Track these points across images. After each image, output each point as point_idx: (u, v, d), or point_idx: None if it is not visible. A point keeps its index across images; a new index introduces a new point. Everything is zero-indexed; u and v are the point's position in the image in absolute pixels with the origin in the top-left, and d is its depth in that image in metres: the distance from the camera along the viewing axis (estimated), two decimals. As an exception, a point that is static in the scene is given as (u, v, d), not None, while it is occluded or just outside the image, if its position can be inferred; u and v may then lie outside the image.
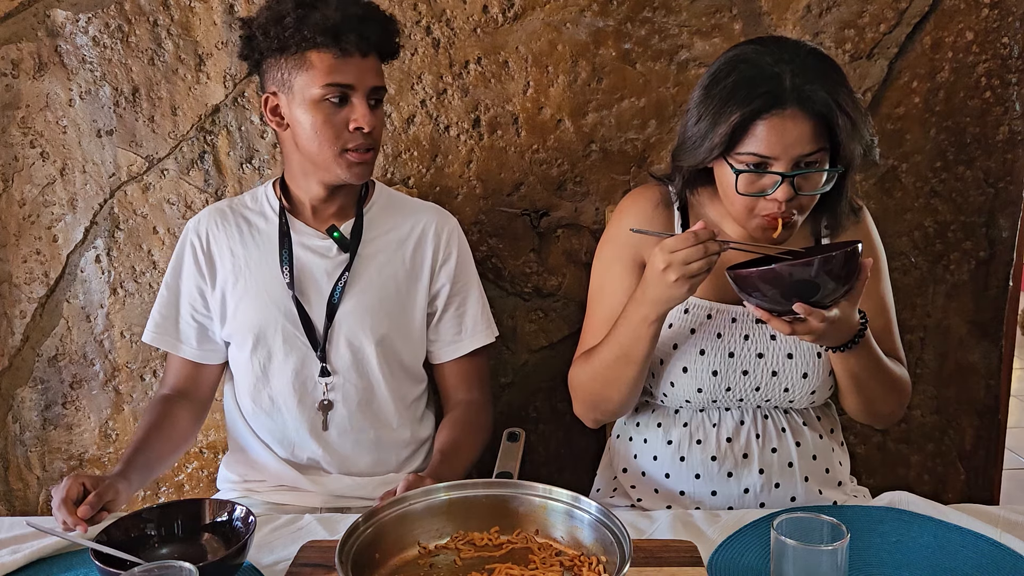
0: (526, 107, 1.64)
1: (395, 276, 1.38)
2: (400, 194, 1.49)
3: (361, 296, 1.36)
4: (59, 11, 1.62)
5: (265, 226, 1.39)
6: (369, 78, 1.27)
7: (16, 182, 1.69)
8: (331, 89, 1.24)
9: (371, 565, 0.93)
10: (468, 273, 1.45)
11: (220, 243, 1.39)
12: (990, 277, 1.72)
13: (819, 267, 1.03)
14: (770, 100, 1.10)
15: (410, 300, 1.40)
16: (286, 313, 1.34)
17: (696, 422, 1.31)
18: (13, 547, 1.07)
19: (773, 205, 1.13)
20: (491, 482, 1.03)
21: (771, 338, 1.26)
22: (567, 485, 1.00)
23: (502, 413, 1.76)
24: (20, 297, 1.73)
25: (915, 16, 1.60)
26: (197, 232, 1.40)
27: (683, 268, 1.08)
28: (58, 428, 1.80)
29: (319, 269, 1.36)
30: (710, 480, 1.29)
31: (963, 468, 1.81)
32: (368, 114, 1.27)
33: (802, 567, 0.85)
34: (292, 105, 1.27)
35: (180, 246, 1.41)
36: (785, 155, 1.11)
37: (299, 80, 1.25)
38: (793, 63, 1.11)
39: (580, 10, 1.60)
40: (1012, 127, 1.65)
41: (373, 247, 1.38)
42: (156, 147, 1.67)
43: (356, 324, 1.35)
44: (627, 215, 1.33)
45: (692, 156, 1.19)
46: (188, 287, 1.39)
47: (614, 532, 0.91)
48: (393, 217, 1.42)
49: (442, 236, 1.42)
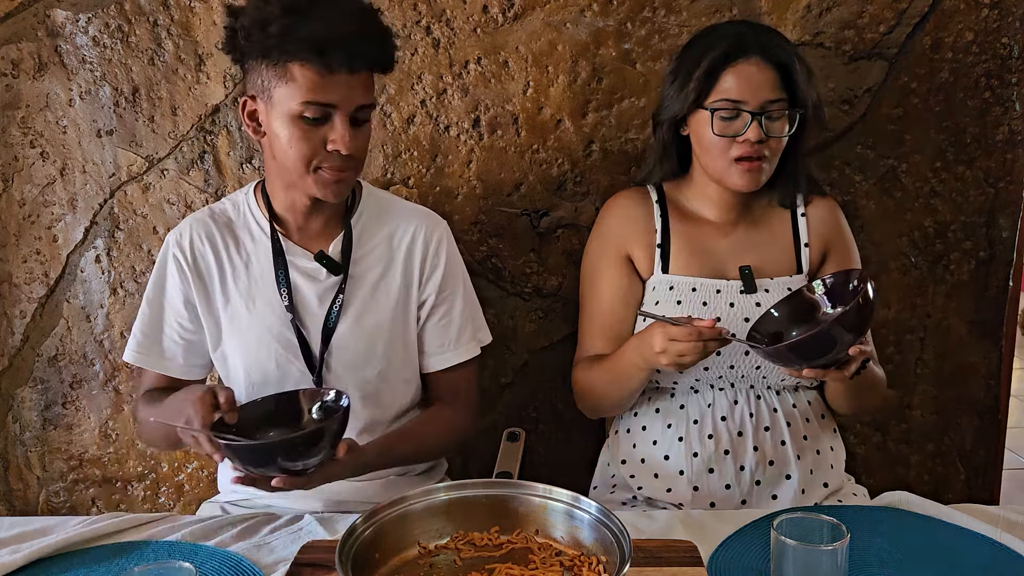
0: (526, 107, 1.64)
1: (389, 292, 1.34)
2: (388, 196, 1.43)
3: (358, 319, 1.31)
4: (59, 11, 1.62)
5: (252, 243, 1.33)
6: (355, 96, 1.18)
7: (16, 182, 1.69)
8: (311, 107, 1.16)
9: (371, 565, 0.93)
10: (455, 282, 1.39)
11: (207, 257, 1.32)
12: (990, 277, 1.72)
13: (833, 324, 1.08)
14: (735, 48, 1.28)
15: (405, 313, 1.35)
16: (280, 338, 1.29)
17: (692, 404, 1.36)
18: (13, 547, 1.07)
19: (745, 146, 1.28)
20: (491, 482, 1.03)
21: (756, 305, 1.33)
22: (567, 485, 1.01)
23: (502, 413, 1.76)
24: (20, 297, 1.73)
25: (915, 16, 1.60)
26: (180, 245, 1.33)
27: (676, 358, 1.17)
28: (58, 428, 1.80)
29: (311, 292, 1.31)
30: (707, 459, 1.33)
31: (963, 468, 1.81)
32: (348, 135, 1.17)
33: (802, 567, 0.85)
34: (270, 115, 1.19)
35: (161, 260, 1.34)
36: (753, 98, 1.27)
37: (279, 91, 1.17)
38: (752, 27, 1.35)
39: (580, 10, 1.60)
40: (1012, 127, 1.65)
41: (364, 264, 1.33)
42: (156, 147, 1.67)
43: (353, 347, 1.31)
44: (611, 214, 1.45)
45: (670, 109, 1.35)
46: (173, 302, 1.33)
47: (614, 532, 0.92)
48: (383, 227, 1.36)
49: (431, 244, 1.37)
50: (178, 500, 1.82)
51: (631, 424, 1.42)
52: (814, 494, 1.34)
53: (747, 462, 1.32)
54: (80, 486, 1.82)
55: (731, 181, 1.32)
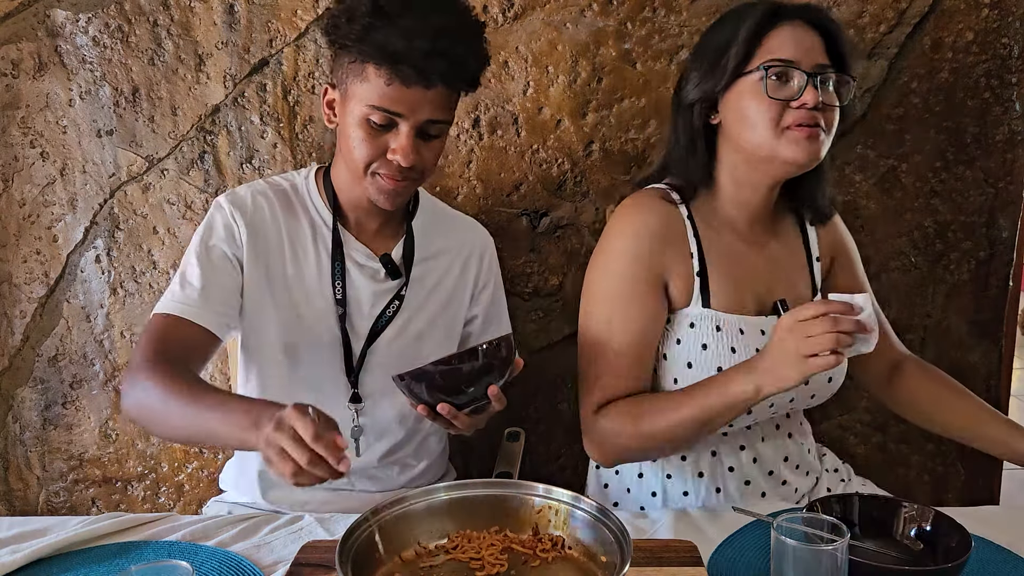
0: (526, 107, 1.64)
1: (440, 301, 1.33)
2: (442, 205, 1.42)
3: (407, 324, 1.30)
4: (59, 11, 1.62)
5: (311, 227, 1.28)
6: (425, 111, 1.13)
7: (16, 182, 1.69)
8: (378, 113, 1.13)
9: (371, 565, 0.93)
10: (501, 298, 1.42)
11: (265, 222, 1.25)
12: (990, 277, 1.72)
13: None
14: (777, 12, 1.14)
15: (451, 325, 1.35)
16: (328, 332, 1.26)
17: None
18: (13, 547, 1.07)
19: (802, 112, 1.11)
20: (491, 482, 1.03)
21: None
22: (567, 485, 1.01)
23: (502, 413, 1.76)
24: (20, 297, 1.73)
25: (915, 16, 1.60)
26: (234, 203, 1.25)
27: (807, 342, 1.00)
28: (58, 428, 1.79)
29: (367, 290, 1.28)
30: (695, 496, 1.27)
31: (963, 468, 1.81)
32: (410, 148, 1.14)
33: (802, 567, 0.85)
34: (344, 108, 1.18)
35: (211, 217, 1.26)
36: (806, 59, 1.11)
37: (354, 87, 1.15)
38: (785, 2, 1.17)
39: (580, 10, 1.60)
40: (1012, 127, 1.65)
41: (421, 269, 1.32)
42: (156, 147, 1.67)
43: (398, 351, 1.28)
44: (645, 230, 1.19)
45: (699, 90, 1.17)
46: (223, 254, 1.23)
47: (614, 532, 0.92)
48: (441, 236, 1.35)
49: (484, 260, 1.38)
50: (178, 500, 1.82)
51: None
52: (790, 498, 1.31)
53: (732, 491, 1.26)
54: (80, 486, 1.82)
55: (785, 154, 1.12)
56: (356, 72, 1.14)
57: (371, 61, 1.11)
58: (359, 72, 1.14)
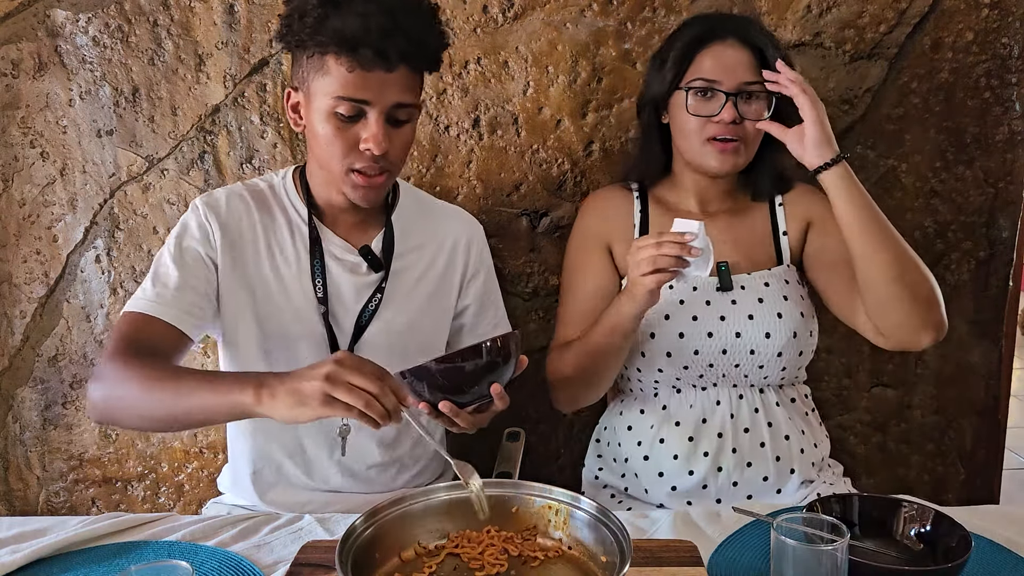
0: (526, 107, 1.64)
1: (425, 293, 1.33)
2: (426, 196, 1.43)
3: (392, 317, 1.29)
4: (59, 11, 1.62)
5: (288, 226, 1.28)
6: (391, 94, 1.13)
7: (16, 182, 1.69)
8: (344, 103, 1.12)
9: (371, 565, 0.93)
10: (494, 285, 1.42)
11: (240, 224, 1.26)
12: (990, 277, 1.72)
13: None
14: (712, 30, 1.31)
15: (439, 316, 1.35)
16: (311, 331, 1.25)
17: (674, 404, 1.37)
18: (13, 547, 1.07)
19: (720, 126, 1.28)
20: (491, 482, 1.03)
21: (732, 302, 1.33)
22: (567, 485, 1.01)
23: (503, 413, 1.76)
24: (20, 297, 1.73)
25: (915, 16, 1.60)
26: (211, 205, 1.26)
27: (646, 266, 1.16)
28: (58, 428, 1.80)
29: (348, 285, 1.27)
30: (687, 460, 1.34)
31: (963, 468, 1.81)
32: (381, 135, 1.13)
33: (802, 567, 0.85)
34: (309, 108, 1.17)
35: (186, 219, 1.26)
36: (728, 79, 1.28)
37: (315, 84, 1.14)
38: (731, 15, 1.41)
39: (580, 10, 1.60)
40: (1012, 127, 1.65)
41: (403, 262, 1.31)
42: (156, 147, 1.67)
43: (384, 345, 1.27)
44: (590, 209, 1.47)
45: (651, 92, 1.37)
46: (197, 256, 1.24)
47: (614, 532, 0.92)
48: (423, 227, 1.35)
49: (472, 249, 1.37)
50: (178, 500, 1.82)
51: (616, 422, 1.44)
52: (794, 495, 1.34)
53: (725, 464, 1.33)
54: (80, 486, 1.82)
55: (706, 163, 1.32)
56: (316, 67, 1.13)
57: (330, 52, 1.11)
58: (319, 66, 1.13)
